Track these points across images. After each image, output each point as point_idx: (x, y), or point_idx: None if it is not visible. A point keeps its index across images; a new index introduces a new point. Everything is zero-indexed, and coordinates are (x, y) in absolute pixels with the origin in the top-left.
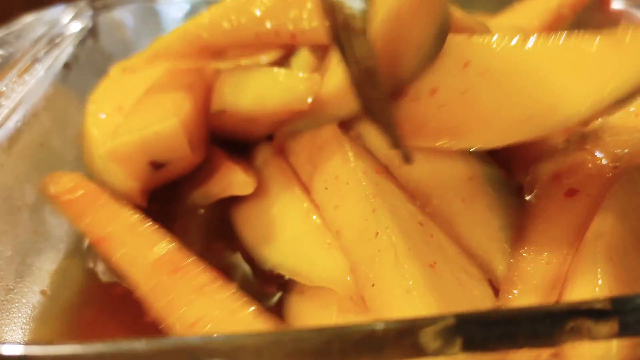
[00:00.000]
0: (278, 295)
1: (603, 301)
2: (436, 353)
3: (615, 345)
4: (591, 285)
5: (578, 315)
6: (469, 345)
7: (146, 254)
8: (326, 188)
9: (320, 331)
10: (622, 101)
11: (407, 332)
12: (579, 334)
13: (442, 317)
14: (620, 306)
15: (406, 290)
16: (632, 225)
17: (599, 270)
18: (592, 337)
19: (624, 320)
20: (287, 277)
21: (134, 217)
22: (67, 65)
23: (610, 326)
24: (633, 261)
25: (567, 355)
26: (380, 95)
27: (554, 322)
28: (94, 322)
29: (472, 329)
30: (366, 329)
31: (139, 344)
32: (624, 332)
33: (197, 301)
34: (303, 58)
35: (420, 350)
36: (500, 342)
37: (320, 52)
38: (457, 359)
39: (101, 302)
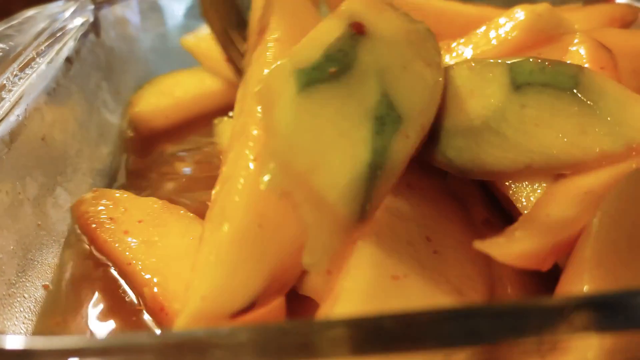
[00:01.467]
0: None
1: (610, 294)
2: (447, 346)
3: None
4: (577, 290)
5: (585, 308)
6: (475, 338)
7: None
8: None
9: (327, 324)
10: None
11: (414, 325)
12: (585, 327)
13: (448, 310)
14: (629, 300)
15: None
16: (629, 228)
17: (586, 276)
18: (599, 330)
19: (632, 314)
20: None
21: None
22: (68, 60)
23: (617, 319)
24: (626, 266)
25: (569, 348)
26: None
27: (560, 315)
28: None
29: (479, 321)
30: (374, 322)
31: (144, 337)
32: (631, 325)
33: None
34: None
35: (436, 343)
36: (506, 335)
37: None
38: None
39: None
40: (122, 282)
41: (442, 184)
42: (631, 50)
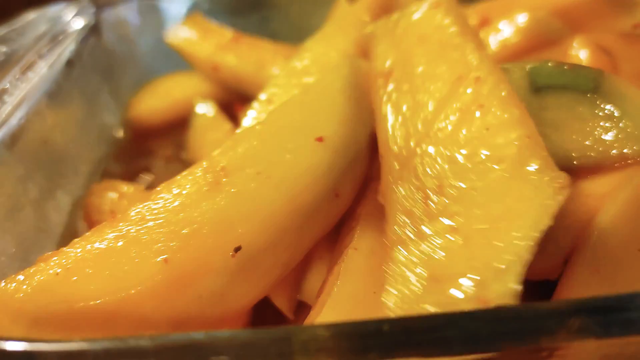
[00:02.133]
0: None
1: (607, 299)
2: (446, 350)
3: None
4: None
5: (582, 313)
6: (474, 343)
7: None
8: None
9: (327, 329)
10: None
11: (413, 330)
12: (583, 332)
13: (447, 314)
14: (626, 304)
15: None
16: (627, 234)
17: (583, 283)
18: (597, 335)
19: (627, 318)
20: None
21: None
22: (69, 62)
23: (614, 324)
24: (623, 272)
25: (566, 353)
26: None
27: (559, 319)
28: None
29: (477, 326)
30: (375, 326)
31: (145, 340)
32: (628, 329)
33: None
34: None
35: (435, 348)
36: (505, 339)
37: None
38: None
39: None
40: None
41: None
42: (632, 54)
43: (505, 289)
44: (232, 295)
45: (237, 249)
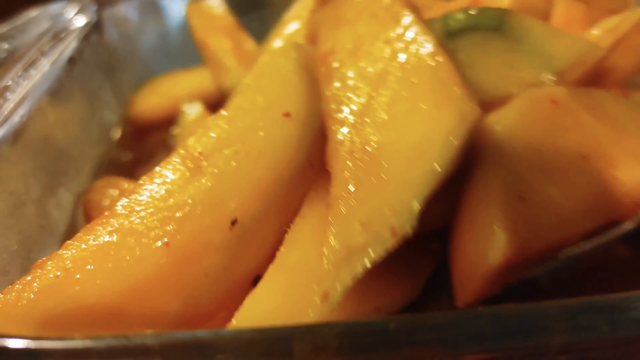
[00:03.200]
0: None
1: (613, 298)
2: (451, 349)
3: None
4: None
5: (588, 312)
6: (479, 342)
7: None
8: None
9: (330, 327)
10: None
11: (418, 329)
12: (588, 331)
13: (453, 313)
14: (632, 303)
15: None
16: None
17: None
18: (603, 335)
19: (633, 317)
20: None
21: None
22: (71, 60)
23: (620, 323)
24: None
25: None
26: None
27: (563, 319)
28: None
29: (480, 325)
30: (380, 325)
31: (150, 338)
32: (633, 329)
33: None
34: None
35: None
36: (507, 339)
37: None
38: None
39: None
40: None
41: None
42: None
43: (409, 215)
44: (236, 269)
45: (234, 222)
